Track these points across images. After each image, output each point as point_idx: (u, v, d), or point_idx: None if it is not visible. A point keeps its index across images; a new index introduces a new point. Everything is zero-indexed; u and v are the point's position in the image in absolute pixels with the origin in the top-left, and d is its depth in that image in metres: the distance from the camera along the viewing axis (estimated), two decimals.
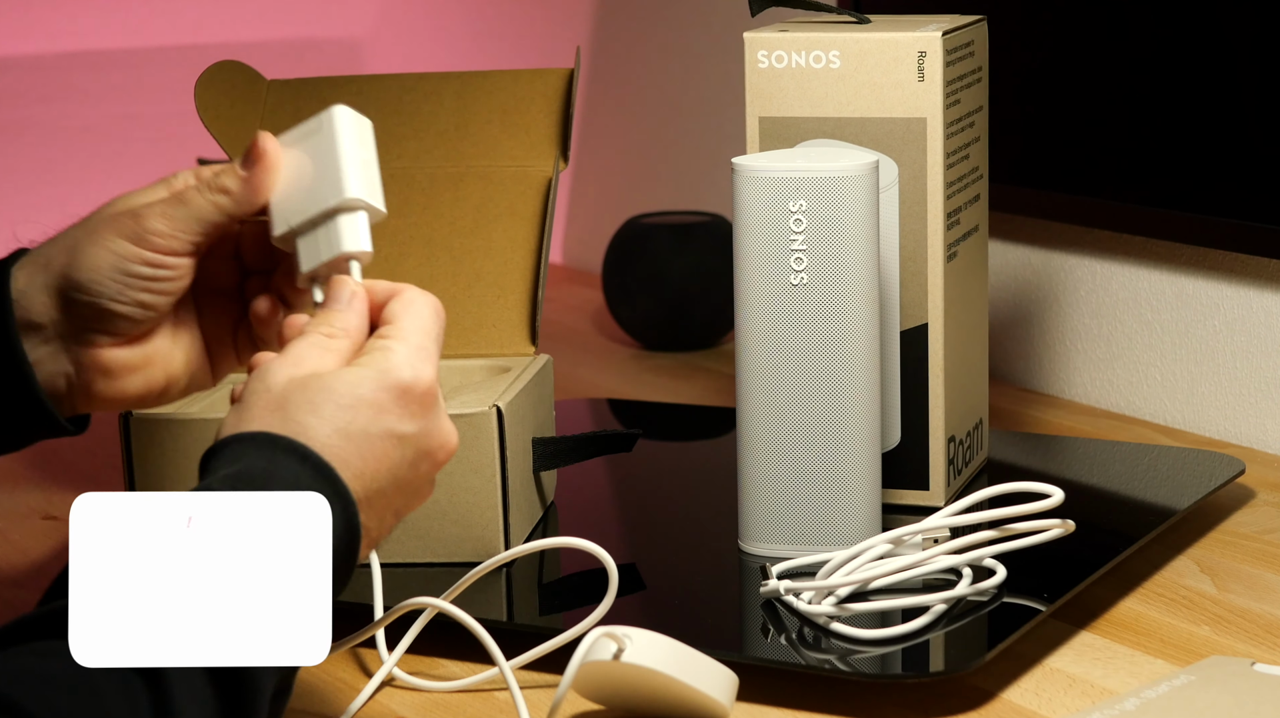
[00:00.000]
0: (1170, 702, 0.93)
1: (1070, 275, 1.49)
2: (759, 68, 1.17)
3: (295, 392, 0.83)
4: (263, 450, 0.81)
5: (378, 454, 0.84)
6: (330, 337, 0.87)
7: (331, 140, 0.91)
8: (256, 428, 0.82)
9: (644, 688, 0.93)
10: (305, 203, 0.92)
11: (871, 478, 1.11)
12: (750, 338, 1.10)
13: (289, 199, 0.92)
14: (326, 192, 0.91)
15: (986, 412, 1.28)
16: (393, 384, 0.84)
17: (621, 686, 0.94)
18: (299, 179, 0.92)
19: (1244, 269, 1.37)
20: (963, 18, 1.21)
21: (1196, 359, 1.41)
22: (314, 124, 0.92)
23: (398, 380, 0.84)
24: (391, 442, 0.84)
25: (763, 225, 1.09)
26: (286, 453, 0.81)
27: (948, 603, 1.02)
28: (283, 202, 0.93)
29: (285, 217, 0.92)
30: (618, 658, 0.91)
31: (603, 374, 1.60)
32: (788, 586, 1.03)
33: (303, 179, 0.92)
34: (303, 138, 0.93)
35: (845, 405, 1.09)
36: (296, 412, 0.83)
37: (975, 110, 1.21)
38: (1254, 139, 1.32)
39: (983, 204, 1.25)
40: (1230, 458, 1.26)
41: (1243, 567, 1.14)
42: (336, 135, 0.91)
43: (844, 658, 0.99)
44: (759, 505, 1.11)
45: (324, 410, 0.83)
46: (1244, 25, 1.32)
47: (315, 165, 0.92)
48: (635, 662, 0.91)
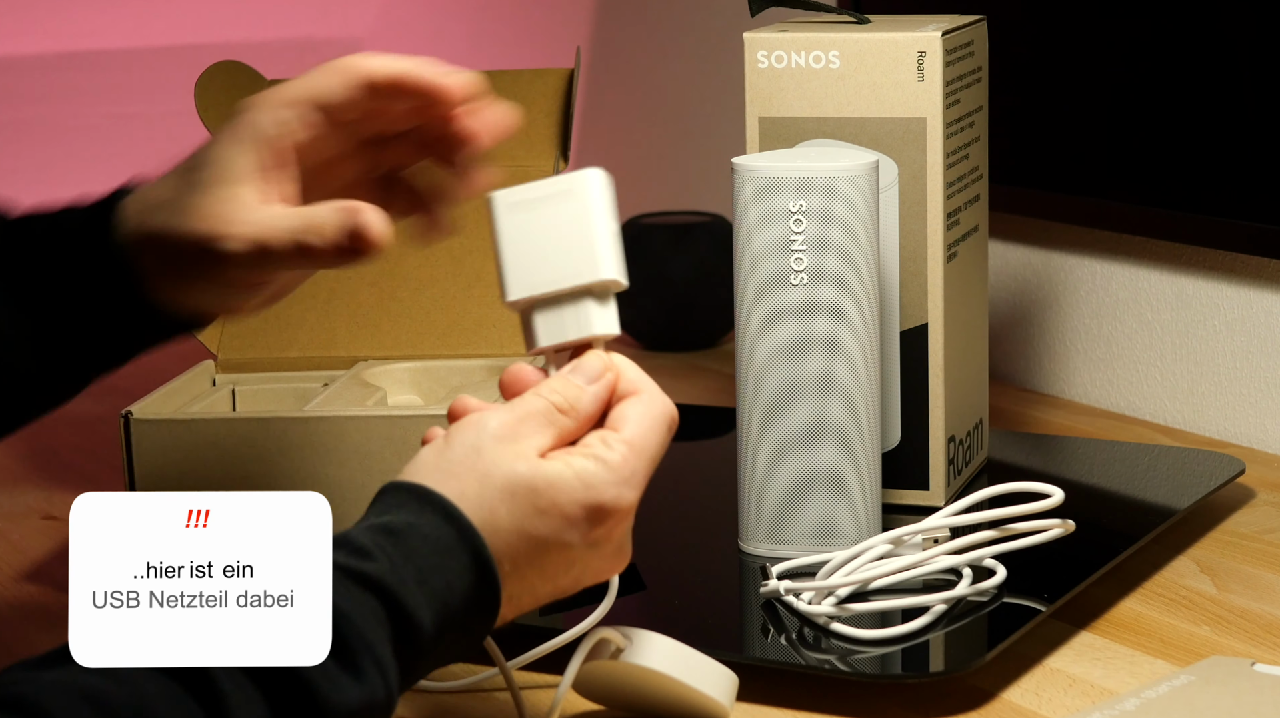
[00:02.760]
0: (1170, 702, 0.93)
1: (1070, 275, 1.49)
2: (759, 68, 1.17)
3: (500, 471, 0.81)
4: (447, 523, 0.80)
5: (541, 557, 0.82)
6: (562, 412, 0.84)
7: (584, 209, 0.86)
8: (453, 489, 0.80)
9: (644, 688, 0.93)
10: (551, 274, 0.87)
11: (872, 478, 1.11)
12: (750, 338, 1.10)
13: (529, 264, 0.87)
14: (579, 267, 0.86)
15: (986, 412, 1.28)
16: (593, 503, 0.82)
17: (621, 686, 0.94)
18: (543, 244, 0.87)
19: (1244, 269, 1.37)
20: (962, 18, 1.20)
21: (1196, 359, 1.41)
22: (562, 185, 0.87)
23: (598, 501, 0.82)
24: (559, 549, 0.82)
25: (763, 225, 1.09)
26: (462, 535, 0.80)
27: (948, 603, 1.02)
28: (521, 265, 0.87)
29: (526, 284, 0.87)
30: (618, 658, 0.91)
31: None
32: (788, 586, 1.03)
33: (547, 245, 0.87)
34: (548, 198, 0.87)
35: (845, 405, 1.09)
36: (491, 496, 0.81)
37: (975, 110, 1.21)
38: (1254, 139, 1.32)
39: (982, 204, 1.25)
40: (1230, 458, 1.26)
41: (1243, 567, 1.14)
42: (590, 204, 0.86)
43: (843, 658, 0.98)
44: (759, 506, 1.11)
45: (519, 507, 0.81)
46: (1244, 25, 1.32)
47: (564, 233, 0.86)
48: (635, 662, 0.91)
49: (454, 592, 0.79)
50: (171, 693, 0.71)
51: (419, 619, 0.77)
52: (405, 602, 0.77)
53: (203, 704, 0.71)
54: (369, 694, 0.74)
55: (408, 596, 0.77)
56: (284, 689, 0.73)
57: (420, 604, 0.78)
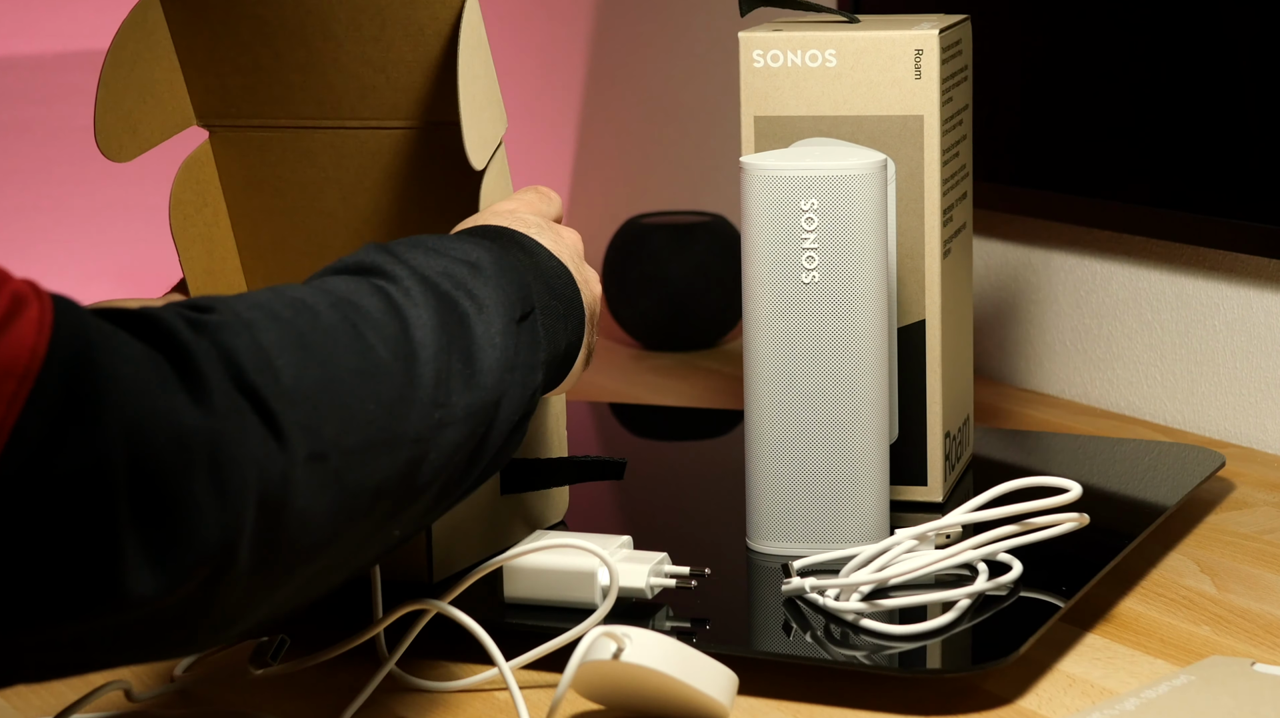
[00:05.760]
0: (1170, 702, 0.93)
1: (1070, 275, 1.49)
2: (754, 67, 1.17)
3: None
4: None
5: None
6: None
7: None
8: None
9: (644, 688, 0.93)
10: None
11: (881, 475, 1.11)
12: (760, 337, 1.10)
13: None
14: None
15: (972, 408, 1.28)
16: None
17: (621, 685, 0.94)
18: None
19: (1244, 269, 1.37)
20: (949, 16, 1.21)
21: (1196, 359, 1.41)
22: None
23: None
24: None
25: (773, 224, 1.09)
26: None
27: (971, 598, 1.02)
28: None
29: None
30: (617, 658, 0.91)
31: (603, 374, 1.60)
32: (812, 583, 1.03)
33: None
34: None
35: (857, 402, 1.09)
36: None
37: (963, 108, 1.22)
38: (1254, 139, 1.32)
39: (969, 201, 1.25)
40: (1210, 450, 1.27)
41: (1243, 567, 1.14)
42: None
43: (870, 655, 0.98)
44: (768, 504, 1.11)
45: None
46: (1246, 27, 1.32)
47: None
48: (635, 662, 0.91)
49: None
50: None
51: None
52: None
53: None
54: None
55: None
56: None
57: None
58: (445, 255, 0.91)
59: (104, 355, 0.70)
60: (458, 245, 0.92)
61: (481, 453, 0.88)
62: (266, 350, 0.76)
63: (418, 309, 0.85)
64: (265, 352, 0.76)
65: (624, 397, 1.52)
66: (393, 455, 0.81)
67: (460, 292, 0.88)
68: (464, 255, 0.91)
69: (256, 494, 0.73)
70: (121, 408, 0.69)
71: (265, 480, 0.74)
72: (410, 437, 0.82)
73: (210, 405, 0.72)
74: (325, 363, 0.79)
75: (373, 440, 0.80)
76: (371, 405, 0.80)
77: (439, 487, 0.86)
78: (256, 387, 0.75)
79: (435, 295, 0.87)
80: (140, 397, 0.70)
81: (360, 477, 0.79)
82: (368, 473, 0.80)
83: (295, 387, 0.76)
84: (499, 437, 0.89)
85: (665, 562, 1.04)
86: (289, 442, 0.75)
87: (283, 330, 0.78)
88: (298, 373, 0.77)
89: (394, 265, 0.87)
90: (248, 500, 0.73)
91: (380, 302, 0.84)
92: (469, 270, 0.90)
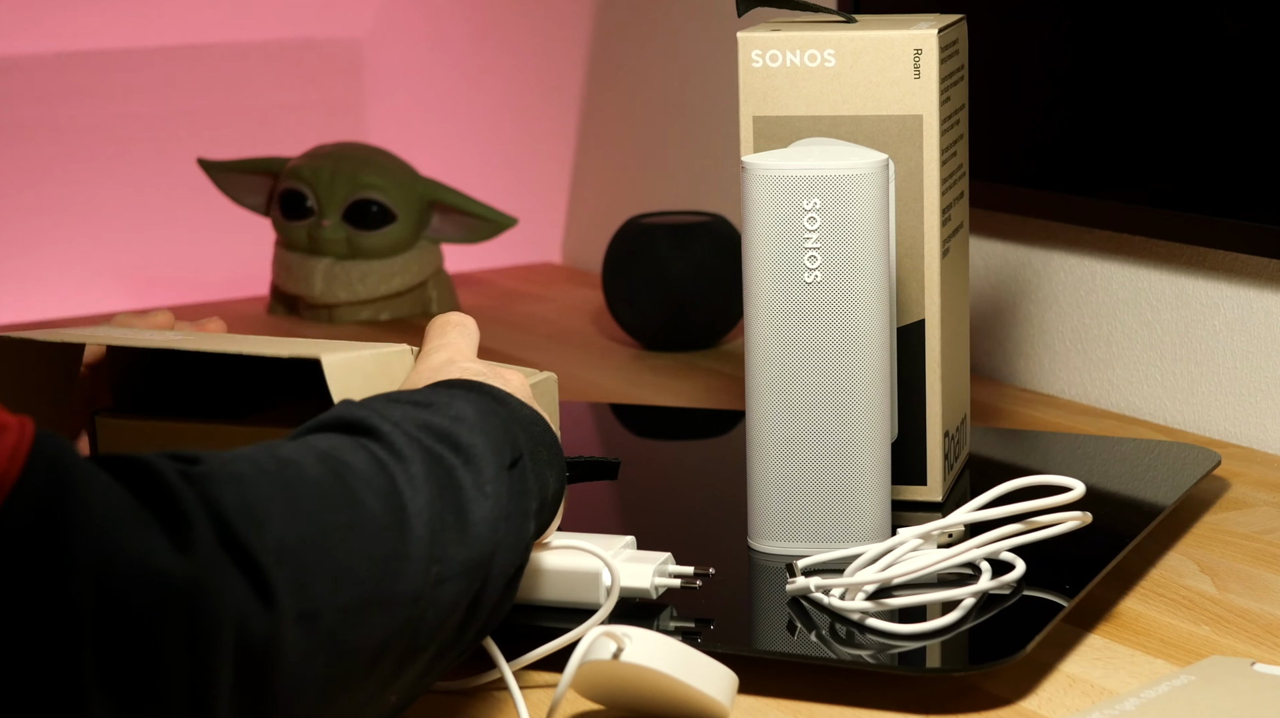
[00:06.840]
0: (1170, 702, 0.93)
1: (1070, 275, 1.49)
2: (753, 67, 1.17)
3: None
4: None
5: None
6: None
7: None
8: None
9: (644, 688, 0.93)
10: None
11: (883, 474, 1.11)
12: (761, 337, 1.10)
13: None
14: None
15: (969, 407, 1.28)
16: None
17: (621, 685, 0.94)
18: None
19: (1244, 269, 1.37)
20: (946, 16, 1.21)
21: (1196, 359, 1.41)
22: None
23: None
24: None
25: (775, 224, 1.09)
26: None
27: (975, 597, 1.02)
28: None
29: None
30: (617, 658, 0.91)
31: (603, 374, 1.60)
32: (817, 583, 1.03)
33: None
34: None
35: (859, 402, 1.09)
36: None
37: (960, 108, 1.22)
38: (1254, 139, 1.32)
39: (966, 201, 1.25)
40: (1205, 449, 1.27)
41: (1242, 567, 1.14)
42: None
43: (876, 654, 0.98)
44: (770, 504, 1.11)
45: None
46: (1246, 27, 1.32)
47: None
48: (635, 662, 0.91)
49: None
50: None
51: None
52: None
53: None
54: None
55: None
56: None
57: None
58: (426, 407, 0.88)
59: (82, 492, 0.67)
60: (436, 397, 0.89)
61: (477, 610, 0.85)
62: (254, 505, 0.73)
63: (405, 463, 0.82)
64: (252, 506, 0.73)
65: (624, 397, 1.52)
66: (389, 615, 0.78)
67: (445, 444, 0.85)
68: (445, 408, 0.88)
69: (234, 652, 0.70)
70: (95, 546, 0.67)
71: (245, 638, 0.70)
72: (408, 595, 0.79)
73: (191, 553, 0.69)
74: (314, 518, 0.76)
75: (367, 599, 0.77)
76: (364, 562, 0.77)
77: (436, 647, 0.83)
78: (243, 541, 0.72)
79: (421, 449, 0.83)
80: (115, 536, 0.68)
81: (355, 637, 0.76)
82: (363, 633, 0.76)
83: (284, 543, 0.73)
84: (495, 591, 0.86)
85: (669, 562, 1.04)
86: (277, 600, 0.72)
87: (270, 485, 0.75)
88: (286, 528, 0.74)
89: (376, 420, 0.84)
90: (223, 658, 0.69)
91: (366, 456, 0.81)
92: (452, 422, 0.87)
